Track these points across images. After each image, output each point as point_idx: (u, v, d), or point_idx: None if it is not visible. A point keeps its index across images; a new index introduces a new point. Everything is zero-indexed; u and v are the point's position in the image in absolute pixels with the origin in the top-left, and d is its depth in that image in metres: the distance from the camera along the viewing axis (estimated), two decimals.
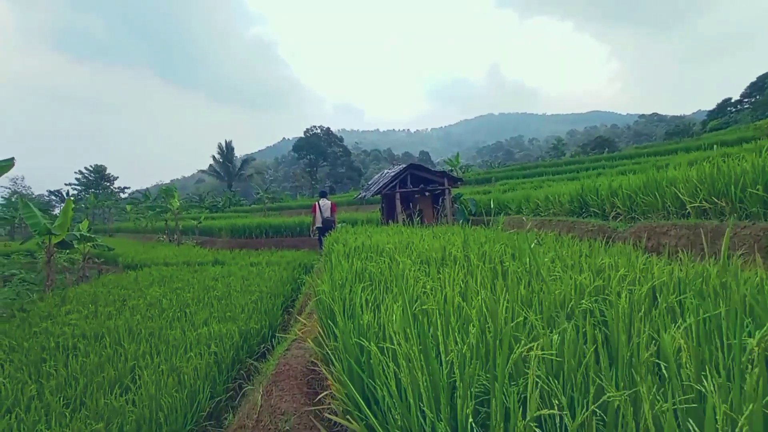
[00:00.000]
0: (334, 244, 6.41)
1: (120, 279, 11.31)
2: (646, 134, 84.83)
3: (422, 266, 3.73)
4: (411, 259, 3.91)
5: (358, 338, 1.93)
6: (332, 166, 68.01)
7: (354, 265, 3.70)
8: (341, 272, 3.51)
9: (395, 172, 12.50)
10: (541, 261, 2.64)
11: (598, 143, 50.74)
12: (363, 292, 2.89)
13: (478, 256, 3.60)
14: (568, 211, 7.18)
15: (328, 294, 2.77)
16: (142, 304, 8.02)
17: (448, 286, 2.35)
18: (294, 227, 19.49)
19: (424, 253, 4.14)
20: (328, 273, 3.63)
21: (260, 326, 6.55)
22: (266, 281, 9.91)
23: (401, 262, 3.64)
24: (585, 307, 1.83)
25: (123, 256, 17.58)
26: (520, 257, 3.47)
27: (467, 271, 3.09)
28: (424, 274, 3.32)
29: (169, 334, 5.94)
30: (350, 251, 5.02)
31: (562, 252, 3.57)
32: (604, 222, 5.85)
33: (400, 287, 2.51)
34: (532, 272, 2.70)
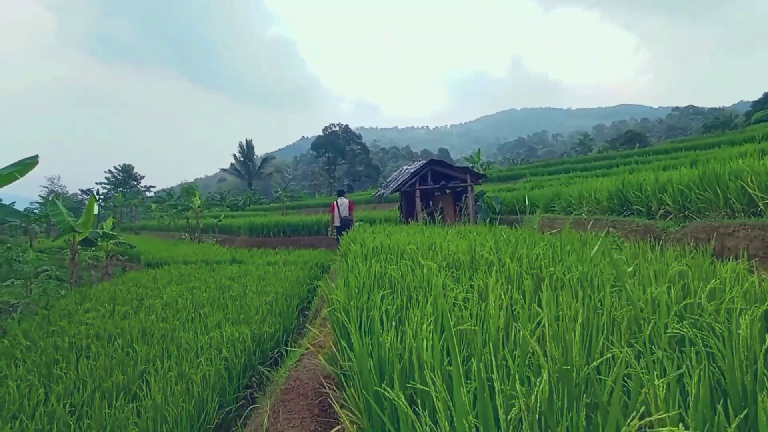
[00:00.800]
0: (351, 243, 6.05)
1: (140, 277, 11.32)
2: (680, 128, 79.84)
3: (449, 271, 3.31)
4: (436, 262, 3.49)
5: (377, 369, 1.54)
6: (350, 164, 67.92)
7: (372, 268, 3.32)
8: (358, 277, 3.14)
9: (415, 168, 12.06)
10: (621, 269, 2.18)
11: (628, 138, 48.15)
12: (383, 302, 2.51)
13: (514, 260, 3.16)
14: (606, 209, 6.61)
15: (342, 304, 2.40)
16: (158, 303, 7.89)
17: (492, 300, 1.93)
18: (311, 226, 19.31)
19: (450, 256, 3.72)
20: (343, 277, 3.25)
21: (274, 330, 6.28)
22: (282, 281, 9.68)
23: (425, 266, 3.24)
24: (675, 333, 1.40)
25: (145, 253, 17.79)
26: (564, 262, 3.01)
27: (506, 278, 2.65)
28: (453, 281, 2.90)
29: (181, 337, 5.72)
30: (368, 252, 4.65)
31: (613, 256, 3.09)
32: (651, 221, 5.28)
33: (430, 298, 2.11)
34: (589, 281, 2.25)
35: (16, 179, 7.72)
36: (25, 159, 7.83)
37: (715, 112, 76.66)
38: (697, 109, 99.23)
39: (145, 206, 52.88)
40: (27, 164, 7.79)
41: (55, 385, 4.45)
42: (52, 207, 10.86)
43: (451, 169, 11.89)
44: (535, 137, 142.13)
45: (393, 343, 1.76)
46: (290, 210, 34.79)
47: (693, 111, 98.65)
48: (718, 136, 25.08)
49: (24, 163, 7.74)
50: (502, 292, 2.27)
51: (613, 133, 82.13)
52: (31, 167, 7.91)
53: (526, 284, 2.53)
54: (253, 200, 51.32)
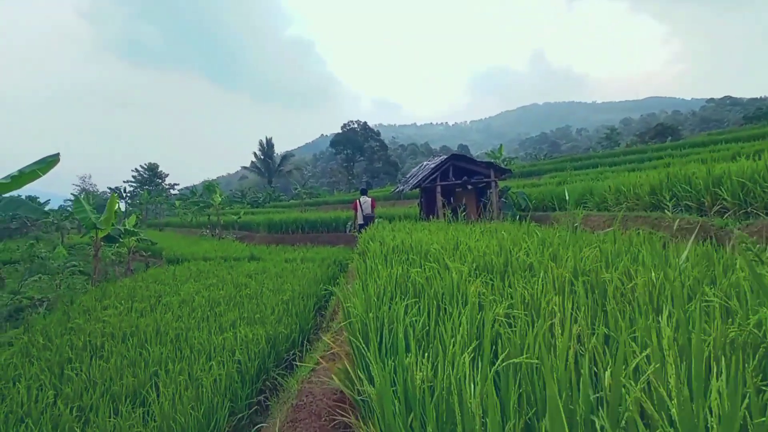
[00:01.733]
0: (370, 242, 5.73)
1: (159, 273, 11.34)
2: (715, 120, 75.18)
3: (482, 275, 2.92)
4: (465, 264, 3.11)
5: (403, 405, 1.20)
6: (369, 160, 67.61)
7: (393, 271, 2.97)
8: (377, 281, 2.79)
9: (436, 163, 11.62)
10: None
11: (659, 131, 45.43)
12: (407, 314, 2.15)
13: (558, 264, 2.75)
14: (648, 204, 6.05)
15: (359, 317, 2.06)
16: (175, 301, 7.79)
17: (557, 322, 1.55)
18: (330, 222, 19.13)
19: (481, 257, 3.32)
20: (361, 282, 2.90)
21: (290, 331, 6.03)
22: (299, 279, 9.47)
23: (453, 269, 2.87)
24: None
25: (167, 250, 17.99)
26: (617, 266, 2.58)
27: (555, 288, 2.25)
28: (489, 288, 2.52)
29: (195, 337, 5.54)
30: (388, 251, 4.31)
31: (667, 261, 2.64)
32: (704, 218, 4.74)
33: (464, 312, 1.74)
34: (670, 294, 1.84)
35: (38, 177, 7.74)
36: (47, 157, 7.85)
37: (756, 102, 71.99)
38: (735, 100, 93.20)
39: (169, 203, 54.11)
40: (49, 162, 7.80)
41: (65, 386, 4.31)
42: (77, 204, 10.99)
43: (473, 164, 11.39)
44: (559, 132, 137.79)
45: (424, 375, 1.40)
46: (309, 207, 34.81)
47: (730, 102, 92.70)
48: (761, 128, 23.46)
49: (46, 161, 7.75)
50: (556, 307, 1.88)
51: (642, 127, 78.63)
52: (53, 165, 7.92)
53: (579, 294, 2.14)
54: (272, 197, 51.79)
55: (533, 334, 1.56)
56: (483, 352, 1.64)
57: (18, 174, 7.20)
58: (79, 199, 10.83)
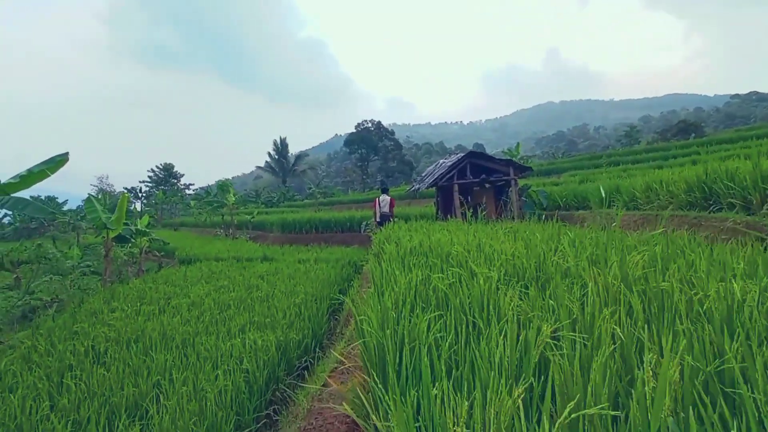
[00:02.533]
0: (385, 243, 5.40)
1: (171, 274, 11.24)
2: (741, 117, 72.00)
3: (513, 282, 2.56)
4: (492, 268, 2.75)
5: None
6: (383, 160, 67.24)
7: (412, 276, 2.63)
8: (395, 289, 2.45)
9: (453, 161, 11.22)
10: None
11: (681, 128, 43.62)
12: (430, 330, 1.81)
13: (601, 270, 2.37)
14: (685, 203, 5.55)
15: (375, 333, 1.73)
16: (184, 303, 7.60)
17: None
18: (344, 222, 18.87)
19: (509, 261, 2.95)
20: (375, 289, 2.56)
21: (302, 336, 5.74)
22: (312, 281, 9.20)
23: (481, 275, 2.51)
24: None
25: (180, 250, 18.01)
26: (671, 274, 2.19)
27: (605, 300, 1.88)
28: (524, 299, 2.15)
29: (202, 343, 5.30)
30: (405, 253, 3.96)
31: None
32: (753, 217, 4.26)
33: (506, 330, 1.41)
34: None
35: (47, 176, 7.65)
36: (55, 156, 7.75)
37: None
38: (762, 96, 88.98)
39: (184, 203, 54.79)
40: (58, 161, 7.71)
41: (63, 396, 4.10)
42: (88, 204, 10.97)
43: (492, 162, 10.95)
44: (576, 130, 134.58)
45: (458, 414, 1.06)
46: (323, 206, 34.71)
47: (757, 98, 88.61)
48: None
49: (55, 160, 7.66)
50: (618, 328, 1.52)
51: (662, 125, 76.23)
52: (62, 164, 7.82)
53: (636, 310, 1.77)
54: (287, 197, 51.98)
55: (599, 365, 1.20)
56: (533, 390, 1.28)
57: (27, 173, 7.11)
58: (91, 198, 10.78)
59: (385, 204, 10.58)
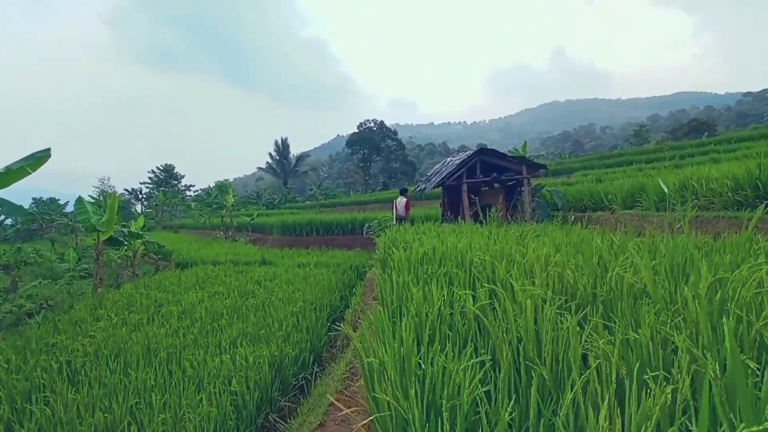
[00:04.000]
0: (392, 248, 4.83)
1: (164, 279, 10.71)
2: (754, 115, 69.55)
3: (557, 300, 1.99)
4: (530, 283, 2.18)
5: None
6: (386, 160, 66.51)
7: (431, 294, 2.06)
8: (411, 312, 1.88)
9: (461, 159, 10.64)
10: None
11: (693, 127, 42.27)
12: (471, 384, 1.26)
13: (677, 288, 1.80)
14: (732, 202, 4.98)
15: (393, 403, 1.17)
16: (175, 311, 7.07)
17: None
18: (346, 224, 18.32)
19: (552, 275, 2.37)
20: (385, 313, 1.99)
21: (299, 351, 5.19)
22: (312, 287, 8.66)
23: (522, 293, 1.95)
24: None
25: (177, 252, 17.51)
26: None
27: (705, 336, 1.32)
28: (592, 335, 1.60)
29: (189, 358, 4.75)
30: (416, 261, 3.40)
31: None
32: None
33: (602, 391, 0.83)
34: None
35: (27, 174, 7.14)
36: (36, 152, 7.25)
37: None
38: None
39: (185, 205, 54.40)
40: (39, 158, 7.20)
41: (25, 423, 3.56)
42: (78, 205, 10.47)
43: (503, 160, 10.36)
44: (582, 130, 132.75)
45: None
46: (325, 208, 34.16)
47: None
48: None
49: (35, 156, 7.16)
50: None
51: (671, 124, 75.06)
52: (44, 161, 7.32)
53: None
54: (288, 198, 51.48)
55: None
56: None
57: (5, 171, 6.60)
58: (81, 199, 10.29)
59: (401, 206, 10.40)
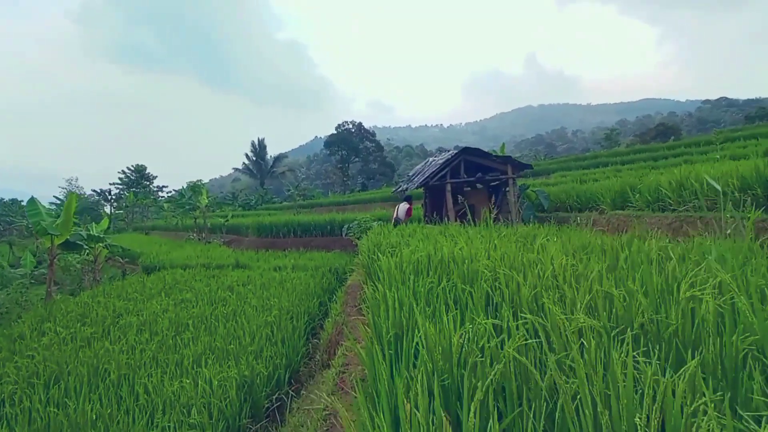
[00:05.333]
0: (377, 252, 4.35)
1: (128, 285, 9.86)
2: (712, 121, 74.89)
3: (604, 329, 1.55)
4: (579, 310, 1.74)
5: None
6: (364, 161, 65.93)
7: (449, 332, 1.59)
8: (425, 359, 1.41)
9: (445, 158, 10.28)
10: None
11: (660, 131, 44.24)
12: None
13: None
14: (738, 201, 4.76)
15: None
16: (135, 323, 6.35)
17: None
18: (324, 225, 17.72)
19: (595, 293, 1.94)
20: (382, 362, 1.51)
21: (272, 368, 4.62)
22: (288, 293, 8.08)
23: (565, 324, 1.52)
24: None
25: (145, 256, 16.44)
26: None
27: None
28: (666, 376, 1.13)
29: (144, 382, 4.12)
30: (408, 270, 2.93)
31: None
32: None
33: None
34: None
35: None
36: None
37: (753, 103, 72.33)
38: (731, 101, 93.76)
39: (158, 206, 52.24)
40: None
41: None
42: (29, 206, 9.50)
43: (488, 159, 10.06)
44: (554, 134, 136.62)
45: None
46: (303, 209, 33.30)
47: (726, 103, 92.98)
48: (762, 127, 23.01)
49: None
50: None
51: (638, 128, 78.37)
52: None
53: None
54: (265, 199, 50.17)
55: None
56: None
57: None
58: (33, 200, 9.33)
59: (402, 211, 10.53)
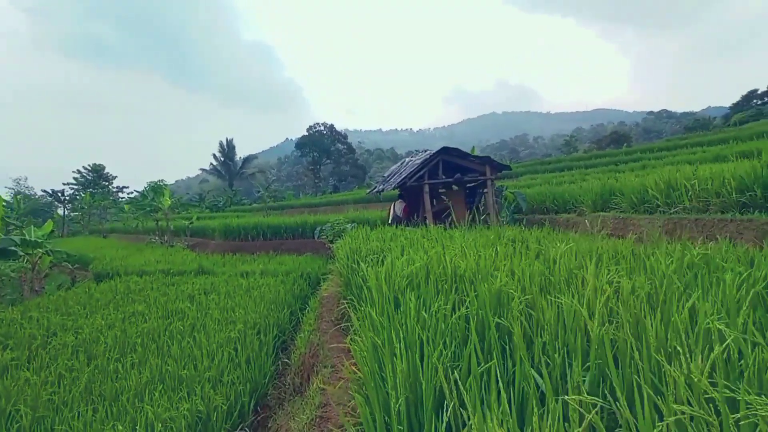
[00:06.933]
0: (356, 259, 3.81)
1: (70, 297, 8.77)
2: (655, 131, 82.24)
3: None
4: (697, 367, 1.24)
5: None
6: (336, 163, 65.15)
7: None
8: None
9: (423, 158, 9.86)
10: None
11: (614, 139, 47.67)
12: None
13: None
14: (735, 203, 4.56)
15: None
16: (71, 343, 5.46)
17: None
18: (296, 228, 16.92)
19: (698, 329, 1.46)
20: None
21: (234, 397, 3.96)
22: (256, 302, 7.35)
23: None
24: None
25: (98, 261, 15.04)
26: None
27: None
28: None
29: (66, 427, 3.36)
30: (402, 286, 2.41)
31: None
32: None
33: None
34: None
35: None
36: None
37: (688, 116, 79.41)
38: (671, 114, 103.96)
39: (118, 208, 49.14)
40: None
41: None
42: None
43: (466, 160, 9.72)
44: (517, 139, 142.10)
45: None
46: (273, 211, 32.12)
47: (667, 115, 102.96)
48: (702, 136, 24.90)
49: None
50: None
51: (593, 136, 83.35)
52: None
53: None
54: (234, 201, 48.25)
55: None
56: None
57: None
58: None
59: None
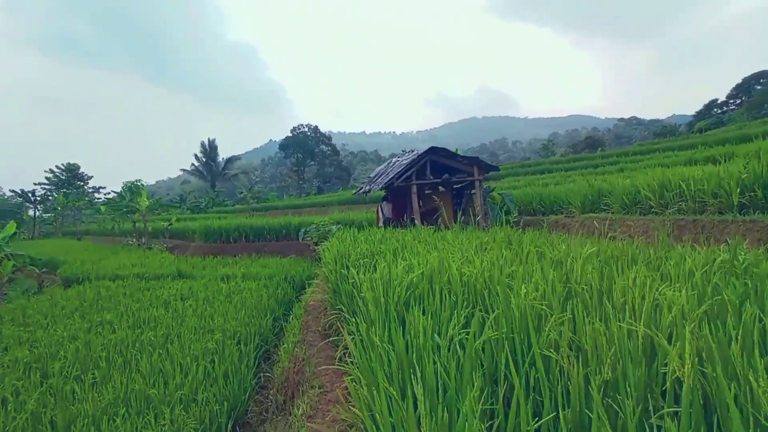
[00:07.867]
0: (345, 264, 3.50)
1: (31, 305, 8.15)
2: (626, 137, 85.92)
3: None
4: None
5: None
6: (320, 165, 64.56)
7: None
8: None
9: (410, 158, 9.60)
10: None
11: (589, 143, 50.43)
12: None
13: None
14: (734, 204, 4.44)
15: None
16: (22, 359, 4.93)
17: None
18: (279, 229, 16.45)
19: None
20: None
21: (209, 419, 3.58)
22: (236, 308, 6.93)
23: None
24: None
25: (68, 265, 14.26)
26: None
27: None
28: None
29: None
30: (400, 297, 2.11)
31: None
32: None
33: None
34: None
35: None
36: None
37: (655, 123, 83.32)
38: (639, 120, 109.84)
39: (94, 209, 47.30)
40: None
41: None
42: None
43: (454, 160, 9.50)
44: (496, 143, 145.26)
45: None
46: (256, 212, 31.40)
47: (636, 122, 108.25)
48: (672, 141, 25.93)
49: None
50: None
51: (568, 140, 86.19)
52: None
53: None
54: (216, 202, 47.12)
55: None
56: None
57: None
58: None
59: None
